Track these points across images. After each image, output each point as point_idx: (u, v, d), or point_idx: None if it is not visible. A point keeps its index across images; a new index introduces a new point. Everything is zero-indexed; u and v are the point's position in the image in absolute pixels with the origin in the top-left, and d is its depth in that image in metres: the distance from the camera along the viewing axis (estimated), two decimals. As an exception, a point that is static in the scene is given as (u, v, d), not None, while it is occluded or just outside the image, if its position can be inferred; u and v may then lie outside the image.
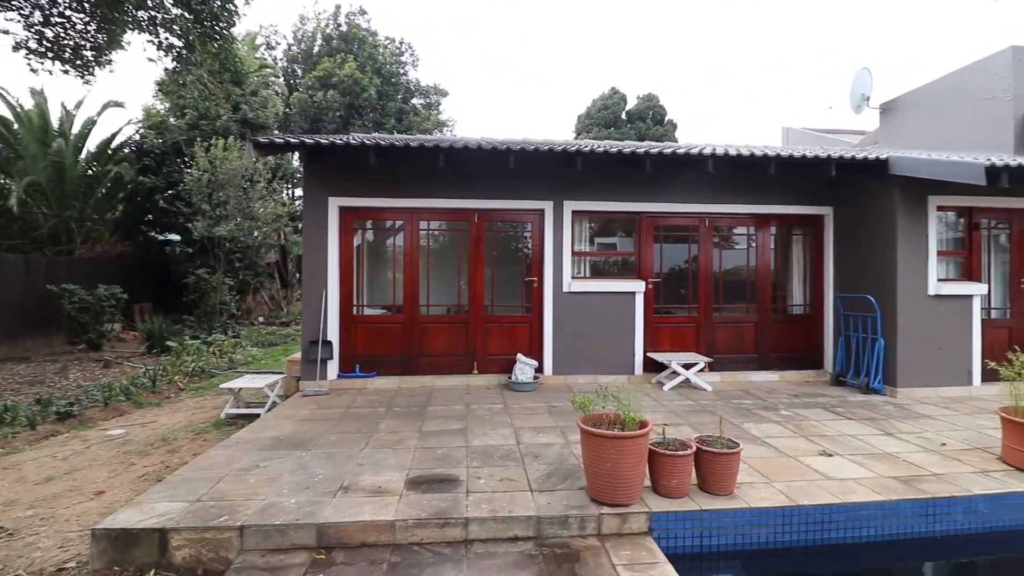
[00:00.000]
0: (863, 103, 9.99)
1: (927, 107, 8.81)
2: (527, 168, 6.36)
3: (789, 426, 4.80)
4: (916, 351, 6.02)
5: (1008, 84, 7.35)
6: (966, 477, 3.56)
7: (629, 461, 3.04)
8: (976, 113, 7.87)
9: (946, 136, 8.22)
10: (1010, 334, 6.36)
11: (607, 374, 6.66)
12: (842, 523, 3.16)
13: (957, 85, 8.22)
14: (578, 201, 6.65)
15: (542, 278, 6.64)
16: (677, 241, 7.11)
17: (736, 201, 6.93)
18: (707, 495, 3.24)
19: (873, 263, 6.35)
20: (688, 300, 7.03)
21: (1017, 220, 6.43)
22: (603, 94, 28.16)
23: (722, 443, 3.33)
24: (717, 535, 3.07)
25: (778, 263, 7.26)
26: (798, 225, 7.23)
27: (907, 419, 5.07)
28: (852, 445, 4.26)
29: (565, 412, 5.16)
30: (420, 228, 6.60)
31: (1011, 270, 6.46)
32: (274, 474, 3.55)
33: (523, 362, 6.22)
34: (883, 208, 6.21)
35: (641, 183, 6.70)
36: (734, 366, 6.96)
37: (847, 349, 6.68)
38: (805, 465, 3.79)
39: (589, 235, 6.95)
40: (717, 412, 5.25)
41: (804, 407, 5.53)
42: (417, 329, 6.55)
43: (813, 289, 7.24)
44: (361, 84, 18.49)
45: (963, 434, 4.57)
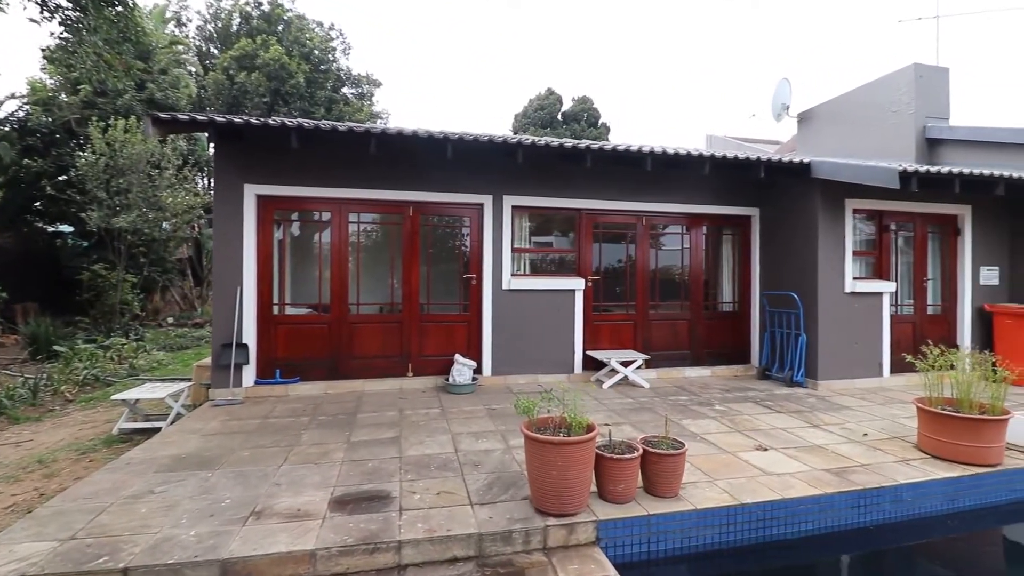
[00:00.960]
0: (783, 112, 10.58)
1: (839, 117, 9.46)
2: (466, 160, 6.09)
3: (725, 421, 4.87)
4: (834, 345, 6.37)
5: (910, 99, 8.01)
6: (890, 467, 3.71)
7: (576, 468, 2.86)
8: (882, 124, 8.52)
9: (856, 145, 8.86)
10: (914, 328, 6.90)
11: (547, 373, 6.53)
12: (783, 519, 3.17)
13: (866, 98, 8.87)
14: (518, 196, 6.45)
15: (481, 275, 6.38)
16: (615, 239, 7.11)
17: (671, 200, 7.03)
18: (653, 498, 3.13)
19: (796, 262, 6.65)
20: (626, 298, 7.05)
21: (919, 223, 6.98)
22: (540, 94, 28.34)
23: (668, 444, 3.24)
24: (664, 539, 2.97)
25: (709, 262, 7.47)
26: (727, 225, 7.47)
27: (829, 411, 5.31)
28: (784, 439, 4.36)
29: (506, 415, 4.94)
30: (349, 221, 6.13)
31: (914, 269, 7.01)
32: (171, 500, 3.05)
33: (461, 363, 5.94)
34: (805, 210, 6.52)
35: (582, 179, 6.63)
36: (669, 362, 7.06)
37: (772, 344, 6.97)
38: (744, 461, 3.81)
39: (529, 231, 6.77)
40: (656, 410, 5.25)
41: (736, 402, 5.67)
42: (346, 329, 6.07)
43: (741, 287, 7.50)
44: (288, 69, 17.31)
45: (881, 424, 4.83)
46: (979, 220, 7.03)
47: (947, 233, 7.09)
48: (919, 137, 8.06)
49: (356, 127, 4.93)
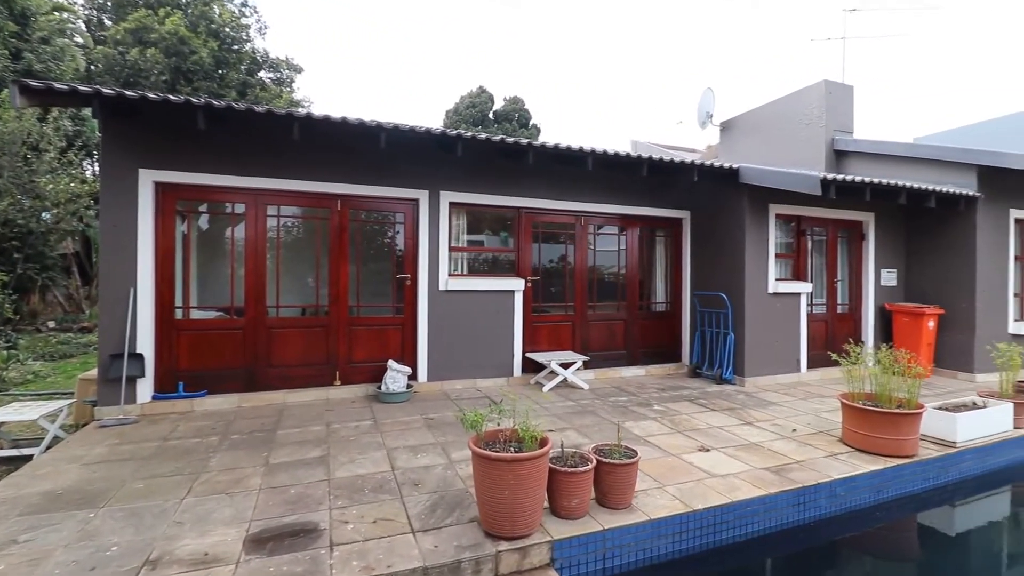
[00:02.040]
0: (707, 120, 11.08)
1: (758, 127, 10.02)
2: (401, 152, 5.70)
3: (665, 422, 4.88)
4: (759, 344, 6.66)
5: (821, 112, 8.62)
6: (822, 462, 3.85)
7: (530, 485, 2.64)
8: (796, 135, 9.12)
9: (772, 154, 9.42)
10: (826, 326, 7.41)
11: (486, 377, 6.29)
12: (732, 522, 3.15)
13: (782, 110, 9.46)
14: (456, 192, 6.15)
15: (416, 275, 6.01)
16: (554, 239, 7.02)
17: (609, 201, 7.05)
18: (607, 510, 2.99)
19: (725, 263, 6.90)
20: (564, 298, 6.98)
21: (831, 228, 7.51)
22: (471, 91, 28.03)
23: (620, 452, 3.12)
24: (620, 554, 2.83)
25: (644, 263, 7.58)
26: (661, 227, 7.62)
27: (759, 407, 5.51)
28: (723, 437, 4.43)
29: (445, 424, 4.64)
30: (268, 214, 5.52)
31: (827, 271, 7.53)
32: (40, 552, 2.48)
33: (395, 369, 5.54)
34: (733, 214, 6.77)
35: (522, 178, 6.45)
36: (606, 363, 7.08)
37: (703, 343, 7.20)
38: (689, 464, 3.79)
39: (467, 229, 6.49)
40: (599, 412, 5.18)
41: (673, 401, 5.74)
42: (263, 335, 5.46)
43: (673, 288, 7.69)
44: (191, 45, 15.71)
45: (806, 419, 5.06)
46: (880, 226, 7.68)
47: (854, 238, 7.69)
48: (828, 148, 8.70)
49: (277, 110, 4.40)
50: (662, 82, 75.91)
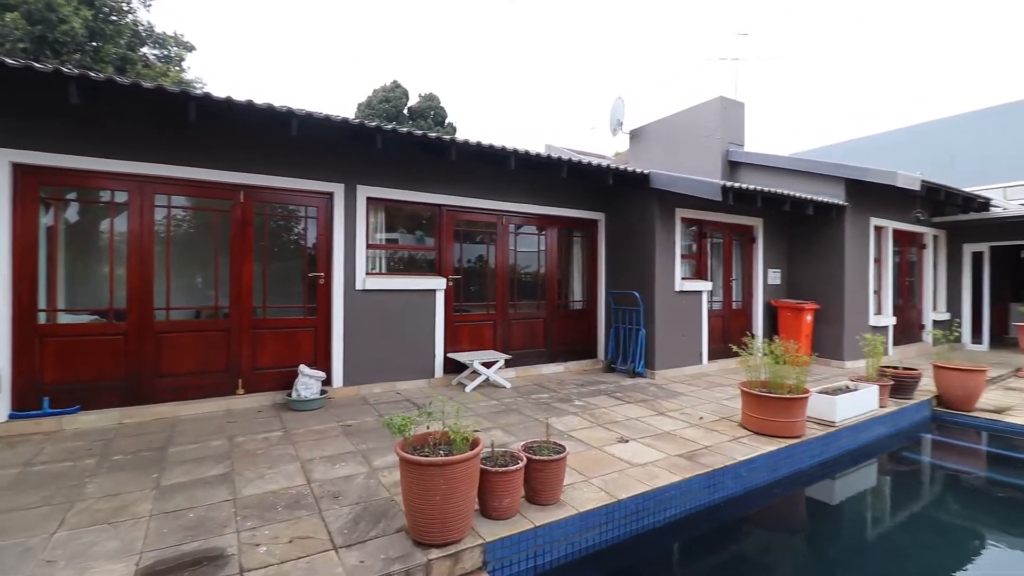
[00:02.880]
0: (618, 127, 11.64)
1: (664, 136, 10.71)
2: (314, 142, 5.36)
3: (586, 416, 5.03)
4: (668, 338, 7.11)
5: (718, 125, 9.38)
6: (727, 446, 4.17)
7: (462, 489, 2.57)
8: (697, 145, 9.85)
9: (676, 162, 10.10)
10: (723, 321, 8.08)
11: (406, 379, 6.09)
12: (652, 509, 3.30)
13: (684, 121, 10.18)
14: (374, 187, 5.89)
15: (330, 274, 5.67)
16: (476, 238, 6.97)
17: (530, 201, 7.15)
18: (537, 507, 3.00)
19: (637, 263, 7.27)
20: (486, 297, 6.96)
21: (727, 232, 8.20)
22: (385, 86, 27.17)
23: (549, 449, 3.14)
24: (550, 550, 2.85)
25: (562, 262, 7.78)
26: (578, 228, 7.87)
27: (669, 398, 5.87)
28: (640, 428, 4.65)
29: (364, 431, 4.41)
30: (157, 204, 4.90)
31: (724, 270, 8.21)
32: None
33: (307, 374, 5.18)
34: (645, 216, 7.16)
35: (443, 175, 6.33)
36: (527, 361, 7.17)
37: (617, 339, 7.53)
38: (611, 455, 3.92)
39: (386, 226, 6.24)
40: (523, 410, 5.21)
41: (592, 395, 5.94)
42: (150, 341, 4.85)
43: (589, 286, 7.98)
44: (60, 12, 13.64)
45: (710, 406, 5.47)
46: (768, 231, 8.53)
47: (746, 241, 8.47)
48: (724, 159, 9.50)
49: (169, 87, 3.90)
50: (576, 89, 78.85)
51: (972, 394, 5.77)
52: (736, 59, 10.66)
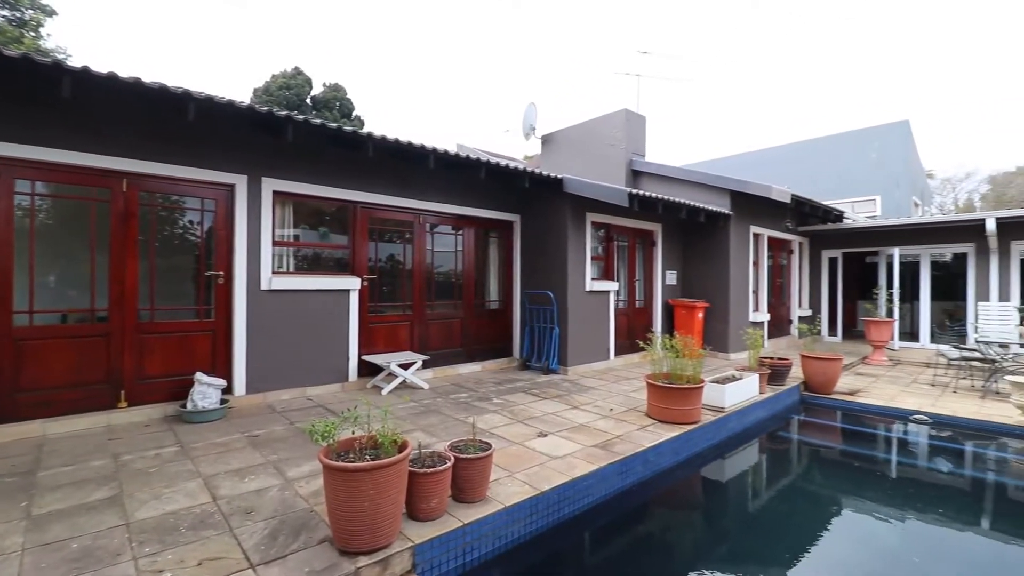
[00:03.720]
0: (530, 132, 11.97)
1: (574, 143, 11.19)
2: (212, 128, 4.92)
3: (505, 413, 5.14)
4: (579, 336, 7.47)
5: (622, 136, 10.00)
6: (636, 434, 4.49)
7: (392, 493, 2.53)
8: (604, 154, 10.43)
9: (585, 168, 10.62)
10: (628, 319, 8.64)
11: (317, 385, 5.80)
12: (572, 498, 3.48)
13: (593, 129, 10.72)
14: (282, 180, 5.53)
15: (231, 273, 5.24)
16: (392, 236, 6.81)
17: (447, 201, 7.13)
18: (463, 505, 3.03)
19: (550, 264, 7.55)
20: (403, 298, 6.83)
21: (631, 235, 8.78)
22: (285, 72, 25.46)
23: (475, 447, 3.19)
24: (478, 546, 2.90)
25: (479, 262, 7.85)
26: (494, 229, 7.99)
27: (581, 392, 6.18)
28: (557, 422, 4.85)
29: (274, 440, 4.14)
30: (17, 191, 4.21)
31: (628, 272, 8.78)
32: None
33: (204, 383, 4.74)
34: (558, 219, 7.46)
35: (357, 170, 6.11)
36: (444, 361, 7.15)
37: (532, 337, 7.77)
38: (532, 450, 4.06)
39: (295, 223, 5.88)
40: (443, 411, 5.20)
41: (509, 393, 6.08)
42: (8, 349, 4.14)
43: (505, 286, 8.13)
44: None
45: (619, 399, 5.84)
46: (666, 235, 9.27)
47: (647, 244, 9.13)
48: (627, 168, 10.17)
49: (36, 56, 3.37)
50: (488, 91, 79.34)
51: (831, 379, 6.74)
52: (638, 75, 11.43)
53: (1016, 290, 9.30)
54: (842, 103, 60.46)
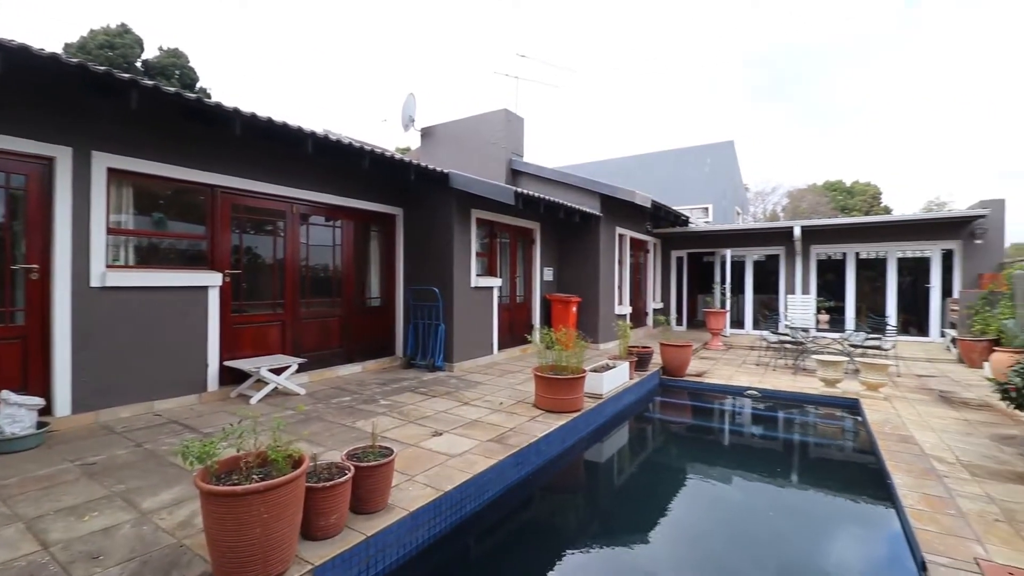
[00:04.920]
0: (410, 123, 11.64)
1: (454, 138, 11.15)
2: (23, 87, 3.93)
3: (395, 415, 4.96)
4: (464, 331, 7.49)
5: (503, 135, 10.22)
6: (527, 426, 4.65)
7: (288, 514, 2.29)
8: (485, 151, 10.55)
9: (466, 164, 10.63)
10: (510, 314, 8.89)
11: (168, 397, 5.00)
12: (474, 494, 3.49)
13: (473, 126, 10.78)
14: (119, 156, 4.63)
15: (50, 266, 4.26)
16: (260, 227, 6.12)
17: (324, 191, 6.61)
18: (365, 516, 2.87)
19: (436, 260, 7.45)
20: (273, 295, 6.19)
21: (513, 233, 9.03)
22: (108, 27, 21.36)
23: (375, 453, 3.03)
24: (383, 557, 2.76)
25: (360, 257, 7.43)
26: (376, 222, 7.63)
27: (470, 388, 6.21)
28: (449, 420, 4.81)
29: (118, 468, 3.48)
30: None
31: (510, 268, 9.03)
32: None
33: (13, 403, 3.79)
34: (443, 214, 7.37)
35: (217, 150, 5.37)
36: (322, 363, 6.65)
37: (416, 335, 7.59)
38: (429, 450, 3.98)
39: (137, 207, 4.97)
40: (325, 417, 4.84)
41: (396, 393, 5.87)
42: None
43: (387, 282, 7.82)
44: None
45: (507, 392, 5.99)
46: (544, 234, 9.71)
47: (528, 242, 9.47)
48: (507, 167, 10.42)
49: None
50: (362, 78, 74.74)
51: (684, 363, 7.67)
52: (517, 77, 11.74)
53: (814, 285, 11.51)
54: (686, 120, 68.95)
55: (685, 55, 76.00)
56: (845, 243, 11.33)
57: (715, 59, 72.59)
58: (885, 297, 11.03)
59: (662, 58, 76.64)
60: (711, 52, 72.59)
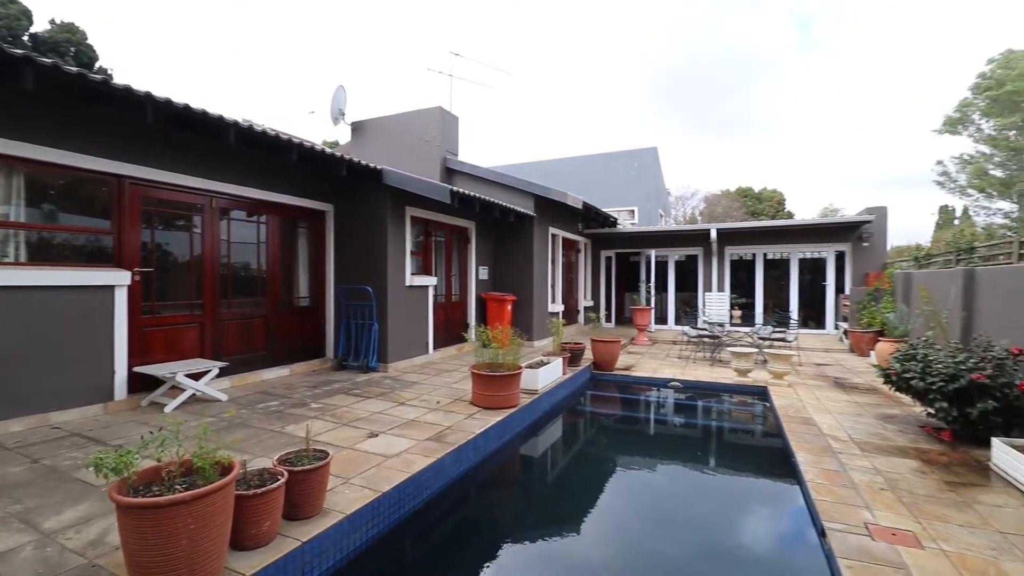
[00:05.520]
0: (340, 117, 11.26)
1: (387, 134, 10.92)
2: None
3: (328, 418, 4.82)
4: (399, 331, 7.38)
5: (438, 133, 10.15)
6: (465, 423, 4.69)
7: (216, 524, 2.19)
8: (419, 148, 10.43)
9: (399, 161, 10.46)
10: (446, 313, 8.86)
11: (68, 408, 4.54)
12: (413, 493, 3.48)
13: (407, 122, 10.62)
14: (8, 140, 4.13)
15: (-85, 263, 3.72)
16: (176, 221, 5.69)
17: (247, 184, 6.25)
18: (300, 522, 2.78)
19: (369, 258, 7.27)
20: (190, 295, 5.77)
21: (448, 232, 9.00)
22: (-19, -10, 18.77)
23: (309, 457, 2.95)
24: (320, 562, 2.70)
25: (287, 255, 7.10)
26: (304, 218, 7.32)
27: (405, 388, 6.14)
28: (386, 421, 4.75)
29: (12, 486, 3.13)
30: None
31: (445, 267, 8.99)
32: None
33: None
34: (377, 212, 7.22)
35: (126, 138, 4.93)
36: (245, 366, 6.29)
37: (348, 335, 7.37)
38: (365, 452, 3.91)
39: (27, 197, 4.45)
40: (251, 423, 4.61)
41: (328, 396, 5.69)
42: None
43: (316, 281, 7.53)
44: None
45: (444, 391, 5.98)
46: (479, 233, 9.76)
47: (463, 241, 9.48)
48: (442, 165, 10.37)
49: None
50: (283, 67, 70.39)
51: (614, 358, 8.03)
52: (451, 75, 11.70)
53: (728, 283, 12.44)
54: (613, 125, 71.65)
55: (611, 65, 79.00)
56: (755, 245, 12.36)
57: (639, 70, 76.10)
58: (789, 294, 12.15)
59: (590, 66, 79.15)
60: (636, 63, 76.00)
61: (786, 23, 64.76)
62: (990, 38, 46.30)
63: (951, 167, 25.17)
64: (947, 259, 8.74)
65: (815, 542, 3.07)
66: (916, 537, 2.85)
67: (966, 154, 24.55)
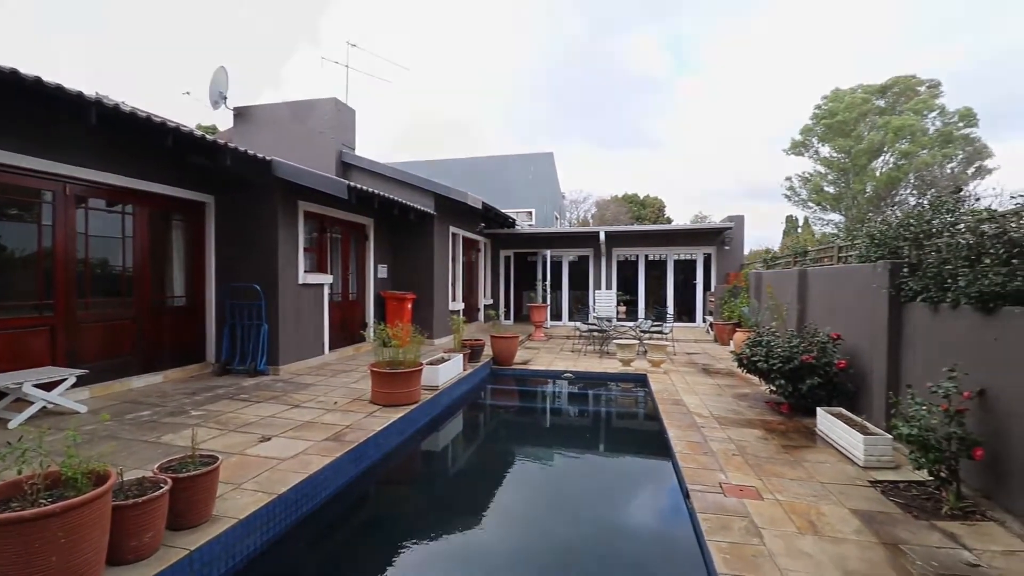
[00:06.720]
0: (220, 101, 10.37)
1: (275, 123, 10.28)
2: None
3: (211, 425, 4.52)
4: (292, 332, 7.05)
5: (333, 125, 9.79)
6: (364, 422, 4.67)
7: (92, 537, 2.05)
8: (311, 140, 9.98)
9: (289, 152, 9.84)
10: (342, 312, 8.60)
11: None
12: (311, 493, 3.44)
13: (299, 112, 10.10)
14: None
15: None
16: (18, 210, 4.93)
17: (110, 170, 5.58)
18: (187, 531, 2.65)
19: (257, 255, 6.84)
20: (39, 295, 5.03)
21: (344, 228, 8.74)
22: None
23: (196, 463, 2.81)
24: (211, 570, 2.60)
25: (159, 250, 6.44)
26: (180, 210, 6.69)
27: (300, 390, 5.91)
28: (279, 424, 4.57)
29: None
30: None
31: (342, 264, 8.71)
32: None
33: None
34: (266, 206, 6.82)
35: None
36: (110, 374, 5.63)
37: (233, 337, 6.88)
38: (257, 456, 3.76)
39: None
40: (121, 434, 4.19)
41: (210, 402, 5.31)
42: None
43: (195, 279, 6.92)
44: None
45: (341, 391, 5.86)
46: (378, 230, 9.58)
47: (361, 238, 9.25)
48: (337, 159, 10.01)
49: None
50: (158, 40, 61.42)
51: (512, 353, 8.37)
52: (347, 66, 11.30)
53: (615, 281, 13.47)
54: (511, 128, 73.21)
55: (509, 71, 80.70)
56: (638, 247, 13.53)
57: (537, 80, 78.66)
58: (666, 291, 13.49)
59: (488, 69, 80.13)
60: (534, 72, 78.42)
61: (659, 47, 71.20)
62: (827, 75, 54.85)
63: (796, 183, 29.47)
64: (788, 261, 10.31)
65: (682, 504, 3.57)
66: (758, 491, 3.44)
67: (807, 172, 28.93)
